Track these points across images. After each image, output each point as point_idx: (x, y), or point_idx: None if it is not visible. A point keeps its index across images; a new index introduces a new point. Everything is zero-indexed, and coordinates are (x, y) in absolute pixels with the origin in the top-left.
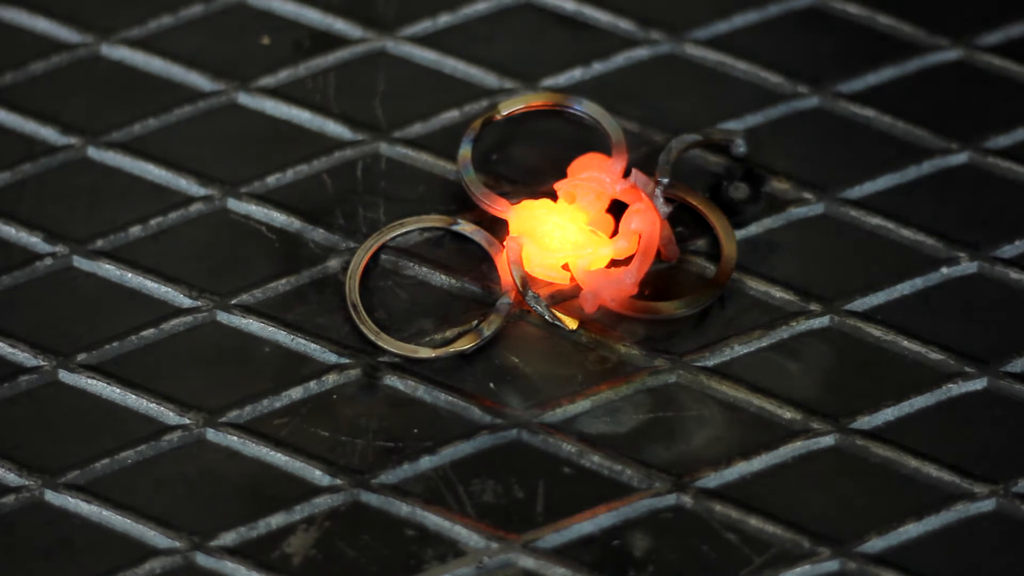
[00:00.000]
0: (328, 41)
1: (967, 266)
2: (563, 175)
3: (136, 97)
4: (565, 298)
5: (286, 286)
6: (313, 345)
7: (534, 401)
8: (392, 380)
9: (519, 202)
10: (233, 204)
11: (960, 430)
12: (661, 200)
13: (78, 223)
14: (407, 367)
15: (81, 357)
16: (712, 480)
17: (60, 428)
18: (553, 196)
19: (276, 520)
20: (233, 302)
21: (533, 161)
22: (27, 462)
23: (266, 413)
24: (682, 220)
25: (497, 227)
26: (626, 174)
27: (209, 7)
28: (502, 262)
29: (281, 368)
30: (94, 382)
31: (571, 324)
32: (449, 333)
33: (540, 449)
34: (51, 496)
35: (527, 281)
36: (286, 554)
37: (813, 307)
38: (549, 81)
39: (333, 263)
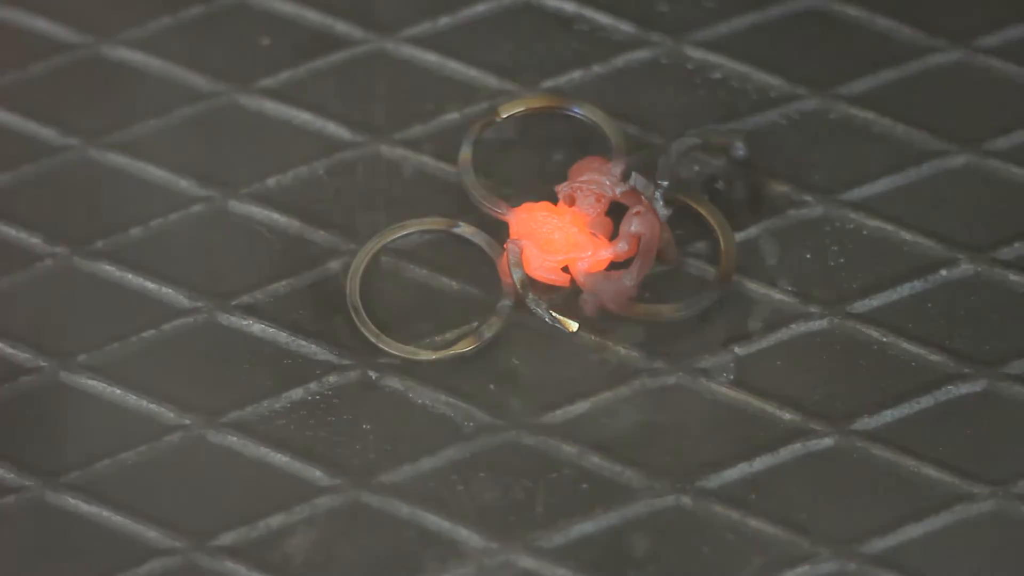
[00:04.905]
0: (328, 42)
1: (966, 268)
2: (563, 178)
3: (136, 97)
4: (565, 300)
5: (286, 287)
6: (313, 346)
7: (534, 403)
8: (392, 382)
9: (519, 205)
10: (233, 205)
11: (960, 431)
12: (661, 203)
13: (78, 223)
14: (407, 369)
15: (81, 357)
16: (712, 480)
17: (60, 428)
18: (553, 199)
19: (276, 520)
20: (233, 303)
21: (533, 163)
22: (27, 462)
23: (266, 414)
24: (682, 223)
25: (497, 229)
26: (626, 177)
27: (209, 7)
28: (502, 264)
29: (281, 369)
30: (94, 382)
31: (571, 326)
32: (449, 335)
33: (540, 450)
34: (51, 496)
35: (527, 283)
36: (286, 554)
37: (813, 309)
38: (549, 83)
39: (333, 265)
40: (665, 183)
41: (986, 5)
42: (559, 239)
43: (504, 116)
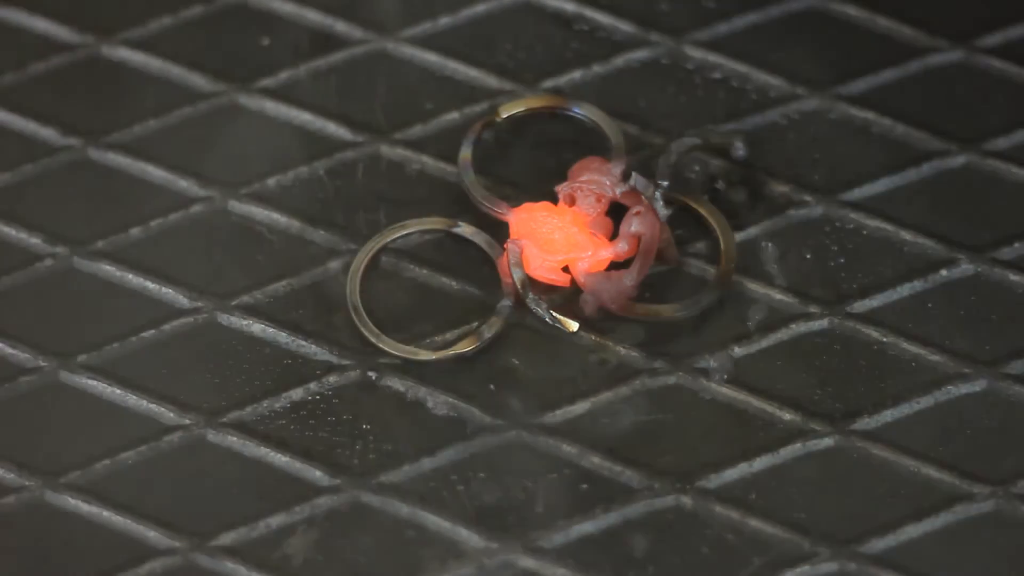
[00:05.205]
0: (328, 42)
1: (966, 268)
2: (563, 178)
3: (136, 97)
4: (565, 300)
5: (286, 287)
6: (313, 346)
7: (534, 403)
8: (392, 382)
9: (519, 205)
10: (233, 205)
11: (960, 431)
12: (661, 203)
13: (78, 223)
14: (407, 369)
15: (81, 358)
16: (712, 481)
17: (60, 428)
18: (553, 199)
19: (276, 520)
20: (233, 303)
21: (533, 163)
22: (27, 462)
23: (266, 414)
24: (682, 223)
25: (498, 229)
26: (626, 177)
27: (209, 7)
28: (502, 264)
29: (281, 369)
30: (94, 382)
31: (571, 326)
32: (449, 335)
33: (540, 450)
34: (51, 496)
35: (527, 283)
36: (286, 555)
37: (813, 309)
38: (549, 83)
39: (333, 264)
40: (665, 183)
41: (986, 5)
42: (559, 239)
43: (504, 116)
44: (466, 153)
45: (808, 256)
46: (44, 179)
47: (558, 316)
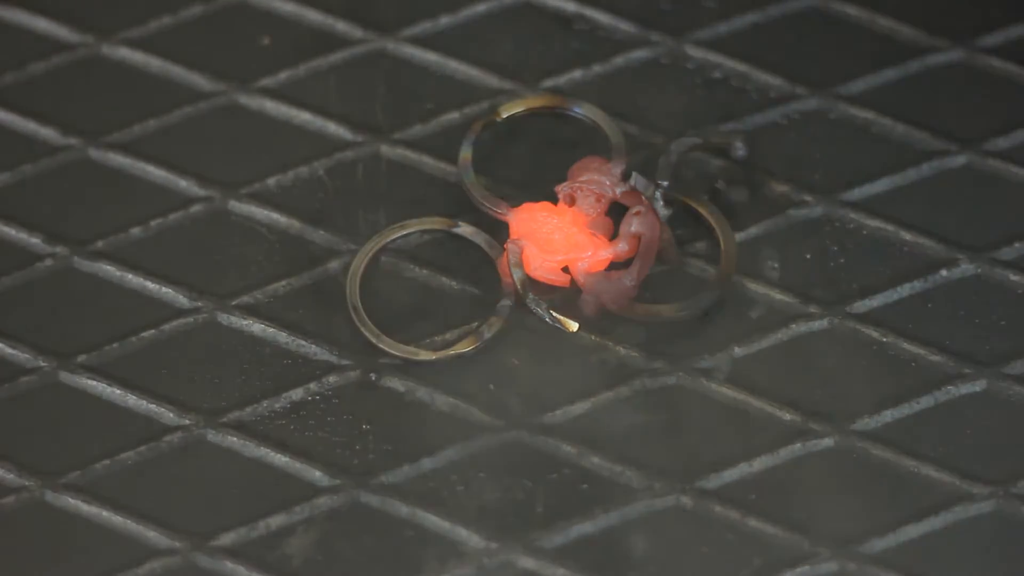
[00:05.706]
0: (328, 42)
1: (966, 268)
2: (563, 178)
3: (136, 97)
4: (565, 300)
5: (286, 288)
6: (313, 347)
7: (534, 403)
8: (392, 382)
9: (519, 205)
10: (233, 205)
11: (960, 431)
12: (661, 203)
13: (78, 223)
14: (407, 369)
15: (81, 358)
16: (712, 481)
17: (60, 428)
18: (553, 199)
19: (276, 521)
20: (233, 303)
21: (533, 163)
22: (27, 462)
23: (266, 414)
24: (682, 223)
25: (497, 229)
26: (626, 177)
27: (209, 7)
28: (503, 264)
29: (281, 369)
30: (94, 383)
31: (571, 326)
32: (449, 335)
33: (540, 450)
34: (51, 496)
35: (527, 283)
36: (286, 555)
37: (813, 309)
38: (549, 83)
39: (333, 265)
40: (665, 183)
41: (986, 5)
42: (559, 239)
43: (504, 116)
44: (466, 153)
45: (808, 256)
46: (44, 179)
47: (558, 316)
